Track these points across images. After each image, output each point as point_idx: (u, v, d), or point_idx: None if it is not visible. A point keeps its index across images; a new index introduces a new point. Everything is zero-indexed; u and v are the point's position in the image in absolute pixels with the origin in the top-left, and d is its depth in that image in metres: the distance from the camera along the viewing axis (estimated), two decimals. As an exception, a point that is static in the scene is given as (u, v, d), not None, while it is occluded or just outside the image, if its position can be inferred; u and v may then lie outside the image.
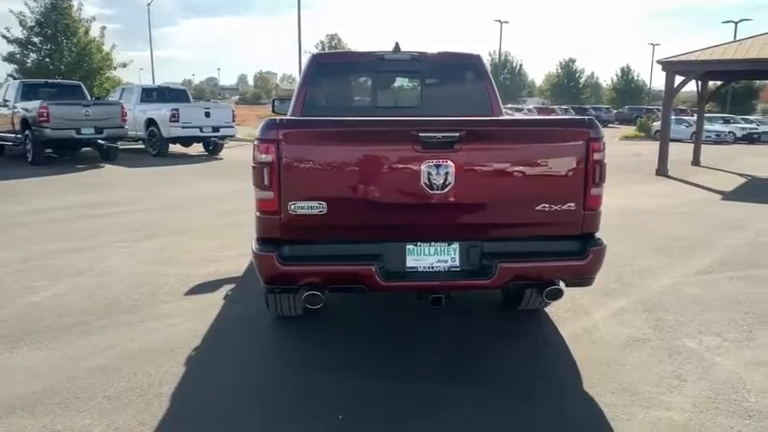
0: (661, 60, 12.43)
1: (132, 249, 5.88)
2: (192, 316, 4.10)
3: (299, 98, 4.65)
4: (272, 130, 2.88)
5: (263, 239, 3.02)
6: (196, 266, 5.28)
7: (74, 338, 3.69)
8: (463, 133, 2.88)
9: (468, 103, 4.77)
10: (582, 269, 3.09)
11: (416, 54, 4.68)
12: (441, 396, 3.03)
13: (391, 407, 2.93)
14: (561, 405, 2.98)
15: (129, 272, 5.09)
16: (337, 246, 3.02)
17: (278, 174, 2.88)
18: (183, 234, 6.56)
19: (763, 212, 8.42)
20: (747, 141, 28.80)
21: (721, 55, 12.06)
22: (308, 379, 3.22)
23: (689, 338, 3.77)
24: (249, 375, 3.30)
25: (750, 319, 4.11)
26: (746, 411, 2.90)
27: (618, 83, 65.81)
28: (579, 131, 3.01)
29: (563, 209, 3.04)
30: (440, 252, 3.08)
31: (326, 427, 2.76)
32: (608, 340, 3.76)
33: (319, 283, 2.97)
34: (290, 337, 3.83)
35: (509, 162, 3.00)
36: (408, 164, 2.90)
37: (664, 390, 3.11)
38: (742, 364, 3.43)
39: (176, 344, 3.63)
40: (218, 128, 15.66)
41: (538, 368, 3.40)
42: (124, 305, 4.28)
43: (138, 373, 3.25)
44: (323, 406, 2.94)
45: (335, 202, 2.92)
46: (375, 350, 3.63)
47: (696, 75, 12.60)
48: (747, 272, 5.28)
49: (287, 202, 2.90)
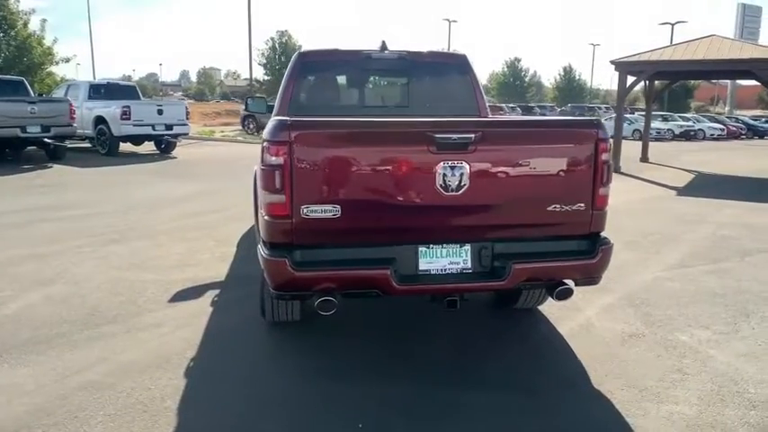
0: (614, 61, 12.86)
1: (101, 254, 5.59)
2: (180, 324, 3.92)
3: (284, 97, 4.53)
4: (283, 131, 2.77)
5: (272, 244, 2.91)
6: (173, 272, 5.07)
7: (58, 352, 3.46)
8: (478, 134, 2.85)
9: (455, 103, 4.77)
10: (592, 268, 3.13)
11: (404, 53, 4.64)
12: (457, 399, 3.00)
13: (410, 412, 2.89)
14: (578, 404, 3.00)
15: (103, 279, 4.83)
16: (350, 250, 2.94)
17: (290, 176, 2.78)
18: (150, 238, 6.29)
19: (716, 207, 8.84)
20: (684, 138, 30.26)
21: (671, 56, 12.59)
22: (318, 387, 3.13)
23: (680, 332, 3.90)
24: (255, 385, 3.18)
25: (732, 312, 4.28)
26: (750, 402, 3.01)
27: (561, 81, 67.88)
28: (588, 132, 3.05)
29: (573, 209, 3.07)
30: (452, 254, 3.05)
31: None
32: (605, 336, 3.83)
33: (333, 288, 2.88)
34: (289, 344, 3.72)
35: (521, 163, 3.00)
36: (424, 165, 2.86)
37: (669, 384, 3.19)
38: (735, 356, 3.56)
39: (170, 355, 3.46)
40: (171, 126, 15.14)
41: (546, 367, 3.42)
42: (106, 315, 4.06)
43: (136, 387, 3.07)
44: (341, 414, 2.86)
45: (349, 205, 2.85)
46: (379, 354, 3.57)
47: (648, 75, 13.12)
48: (717, 265, 5.52)
49: (299, 206, 2.80)
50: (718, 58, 11.87)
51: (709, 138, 31.38)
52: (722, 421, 2.82)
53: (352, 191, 2.86)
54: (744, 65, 11.85)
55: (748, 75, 13.05)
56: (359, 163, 2.85)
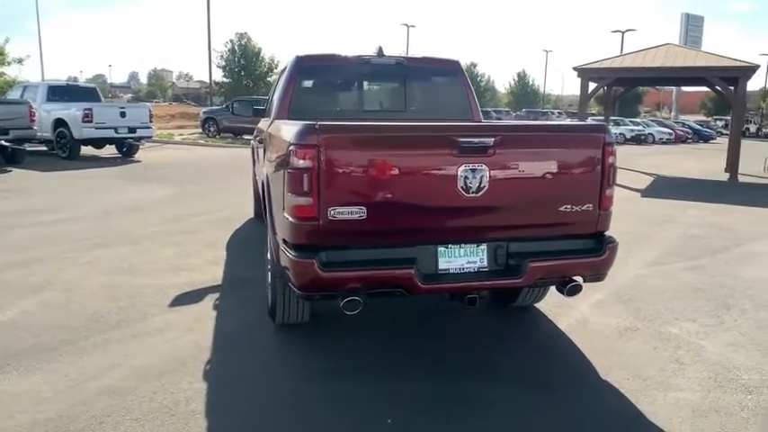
0: (577, 67, 13.33)
1: (87, 260, 5.46)
2: (187, 329, 3.90)
3: (284, 101, 4.56)
4: (311, 134, 2.83)
5: (299, 246, 2.96)
6: (166, 277, 5.01)
7: (68, 359, 3.40)
8: (498, 138, 2.98)
9: (451, 108, 4.91)
10: (600, 265, 3.30)
11: (401, 58, 4.76)
12: (475, 395, 3.11)
13: (433, 408, 2.98)
14: (591, 395, 3.16)
15: (97, 284, 4.73)
16: (374, 250, 3.02)
17: (317, 179, 2.84)
18: (134, 243, 6.18)
19: (681, 208, 9.29)
20: (635, 142, 31.48)
21: (631, 63, 13.13)
22: (337, 387, 3.18)
23: (670, 325, 4.13)
24: (275, 386, 3.21)
25: (713, 305, 4.56)
26: (745, 388, 3.23)
27: (515, 87, 69.43)
28: (597, 137, 3.22)
29: (582, 209, 3.24)
30: (469, 253, 3.17)
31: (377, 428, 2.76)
32: (602, 331, 4.02)
33: (359, 288, 2.95)
34: (299, 345, 3.75)
35: (536, 165, 3.14)
36: (446, 168, 2.96)
37: (669, 373, 3.39)
38: (723, 346, 3.80)
39: (185, 358, 3.45)
40: (134, 128, 14.81)
41: (553, 361, 3.58)
42: (109, 320, 3.99)
43: (158, 391, 3.06)
44: (365, 411, 2.93)
45: (374, 207, 2.92)
46: (389, 353, 3.64)
47: (609, 81, 13.65)
48: (692, 262, 5.83)
49: (326, 208, 2.87)
50: (675, 65, 12.48)
51: (659, 142, 32.74)
52: (723, 406, 3.03)
53: (377, 193, 2.94)
54: (699, 72, 12.50)
55: (702, 81, 13.79)
56: (384, 165, 2.93)
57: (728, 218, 8.48)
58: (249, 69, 34.39)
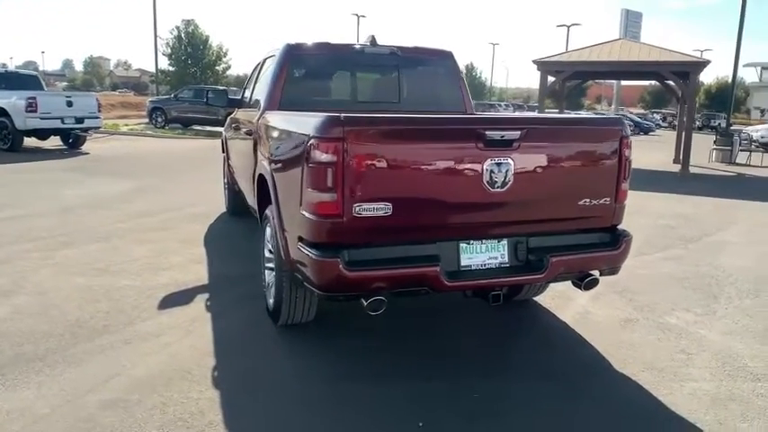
0: (537, 60, 13.53)
1: (55, 260, 5.10)
2: (183, 333, 3.67)
3: (274, 91, 4.35)
4: (335, 127, 2.68)
5: (320, 244, 2.81)
6: (147, 277, 4.73)
7: (58, 370, 3.13)
8: (524, 131, 2.92)
9: (445, 99, 4.83)
10: (616, 259, 3.30)
11: (395, 48, 4.62)
12: (498, 391, 3.06)
13: (460, 406, 2.90)
14: (611, 388, 3.16)
15: (72, 287, 4.41)
16: (398, 248, 2.91)
17: (342, 174, 2.69)
18: (103, 240, 5.82)
19: (645, 198, 9.54)
20: (583, 134, 32.34)
21: (588, 57, 13.43)
22: (355, 387, 3.06)
23: (668, 316, 4.20)
24: (291, 391, 3.04)
25: (701, 295, 4.69)
26: (753, 375, 3.32)
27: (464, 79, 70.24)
28: (614, 130, 3.21)
29: (600, 203, 3.23)
30: (490, 249, 3.10)
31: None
32: (605, 323, 4.05)
33: (385, 287, 2.83)
34: (305, 346, 3.58)
35: (557, 159, 3.10)
36: (472, 162, 2.88)
37: (680, 363, 3.44)
38: (722, 334, 3.90)
39: (189, 365, 3.24)
40: (81, 119, 14.00)
41: (566, 354, 3.57)
42: (94, 326, 3.72)
43: (167, 403, 2.85)
44: (391, 414, 2.82)
45: (400, 202, 2.81)
46: (400, 353, 3.52)
47: (567, 75, 13.93)
48: (669, 252, 6.00)
49: (351, 204, 2.73)
50: (632, 60, 12.85)
51: (604, 134, 33.71)
52: (739, 394, 3.09)
53: (402, 187, 2.83)
54: (654, 67, 12.93)
55: (655, 75, 14.27)
56: (410, 159, 2.82)
57: (691, 208, 8.80)
58: (196, 58, 33.25)
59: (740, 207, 9.22)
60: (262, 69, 5.25)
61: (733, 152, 16.75)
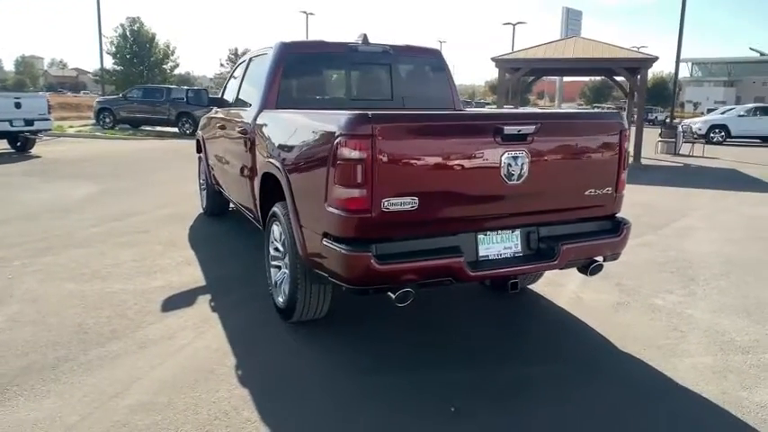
0: (495, 58, 13.85)
1: (38, 267, 4.92)
2: (195, 334, 3.65)
3: (271, 90, 4.35)
4: (365, 124, 2.74)
5: (348, 239, 2.87)
6: (141, 280, 4.64)
7: (76, 377, 3.06)
8: (538, 126, 3.06)
9: (435, 97, 4.94)
10: (618, 245, 3.49)
11: (387, 46, 4.70)
12: (518, 376, 3.19)
13: (485, 392, 3.01)
14: (620, 366, 3.34)
15: (65, 293, 4.28)
16: (422, 241, 2.99)
17: (371, 170, 2.76)
18: (84, 246, 5.65)
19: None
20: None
21: (544, 54, 13.85)
22: (383, 379, 3.13)
23: (655, 297, 4.46)
24: (321, 387, 3.07)
25: (678, 277, 4.98)
26: (742, 348, 3.58)
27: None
28: (616, 123, 3.40)
29: (602, 192, 3.41)
30: (505, 240, 3.24)
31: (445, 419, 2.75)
32: (599, 307, 4.26)
33: (415, 279, 2.91)
34: (322, 342, 3.59)
35: (566, 152, 3.26)
36: (491, 156, 3.00)
37: (676, 341, 3.68)
38: (706, 312, 4.18)
39: (210, 365, 3.23)
40: (31, 121, 13.47)
41: (571, 338, 3.75)
42: (100, 332, 3.64)
43: (199, 403, 2.85)
44: (422, 402, 2.91)
45: (425, 196, 2.89)
46: (413, 345, 3.58)
47: (524, 71, 14.31)
48: (642, 239, 6.30)
49: (380, 199, 2.80)
50: (586, 56, 13.35)
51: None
52: (734, 366, 3.34)
53: (427, 182, 2.91)
54: (607, 63, 13.49)
55: (606, 71, 14.85)
56: (434, 154, 2.90)
57: (650, 196, 9.25)
58: (143, 56, 32.25)
59: (695, 195, 9.77)
60: (248, 68, 5.21)
61: (677, 144, 17.65)
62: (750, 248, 6.09)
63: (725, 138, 23.34)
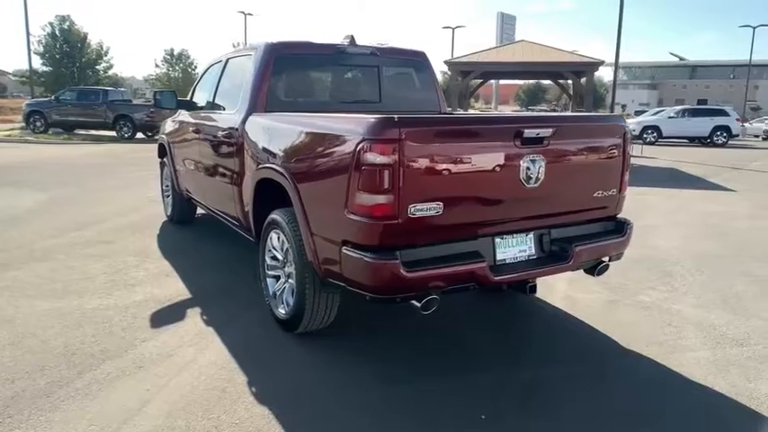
0: (448, 61, 14.05)
1: (4, 284, 4.54)
2: (194, 350, 3.45)
3: (259, 93, 4.19)
4: (392, 128, 2.67)
5: (373, 247, 2.78)
6: (120, 295, 4.36)
7: (75, 403, 2.82)
8: (554, 129, 3.08)
9: (422, 99, 4.92)
10: (623, 245, 3.57)
11: (375, 49, 4.63)
12: (539, 379, 3.18)
13: (508, 397, 3.00)
14: (631, 364, 3.41)
15: (40, 312, 3.96)
16: (443, 246, 2.95)
17: (398, 175, 2.69)
18: (47, 259, 5.25)
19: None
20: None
21: (495, 58, 14.15)
22: (399, 389, 3.05)
23: (641, 295, 4.60)
24: (340, 399, 2.96)
25: (656, 274, 5.17)
26: (735, 341, 3.74)
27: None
28: (620, 126, 3.48)
29: (608, 194, 3.48)
30: (520, 243, 3.24)
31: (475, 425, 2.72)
32: (592, 306, 4.35)
33: (441, 286, 2.86)
34: (328, 354, 3.47)
35: (578, 154, 3.30)
36: (511, 159, 2.99)
37: (673, 336, 3.79)
38: (692, 307, 4.34)
39: (220, 383, 3.06)
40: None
41: (577, 338, 3.79)
42: (90, 352, 3.38)
43: (220, 425, 2.68)
44: (447, 411, 2.86)
45: (450, 201, 2.85)
46: (421, 353, 3.52)
47: (477, 74, 14.57)
48: (612, 237, 6.51)
49: (407, 205, 2.73)
50: (537, 60, 13.74)
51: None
52: (733, 359, 3.47)
53: (451, 186, 2.87)
54: (557, 66, 13.91)
55: (553, 74, 15.33)
56: (458, 158, 2.87)
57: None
58: (74, 56, 30.63)
59: (647, 193, 10.20)
60: (225, 70, 5.02)
61: (617, 144, 18.40)
62: (710, 244, 6.40)
63: (657, 138, 24.63)
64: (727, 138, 24.88)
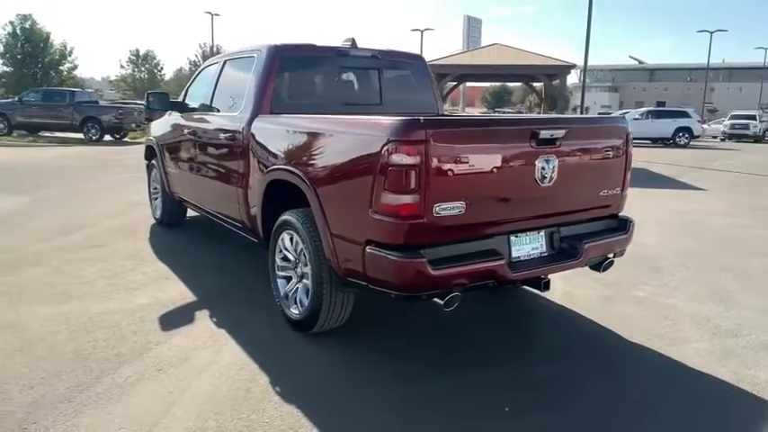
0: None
1: (-3, 290, 4.44)
2: (211, 352, 3.45)
3: (264, 95, 4.20)
4: (418, 130, 2.74)
5: (398, 246, 2.84)
6: (123, 299, 4.31)
7: (98, 408, 2.80)
8: (567, 130, 3.19)
9: (420, 102, 5.01)
10: (626, 242, 3.72)
11: (376, 51, 4.69)
12: (554, 374, 3.27)
13: (527, 392, 3.10)
14: (637, 356, 3.55)
15: (44, 317, 3.89)
16: (464, 244, 3.03)
17: (425, 175, 2.76)
18: (41, 263, 5.13)
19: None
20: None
21: (470, 60, 14.36)
22: (419, 388, 3.11)
23: (635, 290, 4.77)
24: (364, 397, 3.01)
25: (645, 270, 5.36)
26: (730, 332, 3.92)
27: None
28: (623, 127, 3.63)
29: (613, 193, 3.62)
30: (533, 240, 3.35)
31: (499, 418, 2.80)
32: (590, 301, 4.49)
33: (465, 283, 2.94)
34: (345, 352, 3.51)
35: (586, 155, 3.43)
36: (528, 160, 3.10)
37: (671, 329, 3.96)
38: (684, 301, 4.53)
39: (243, 384, 3.07)
40: None
41: (580, 332, 3.92)
42: (104, 356, 3.34)
43: (251, 424, 2.70)
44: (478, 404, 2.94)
45: (472, 200, 2.93)
46: (436, 350, 3.58)
47: (453, 77, 14.76)
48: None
49: (432, 205, 2.80)
50: (512, 63, 14.01)
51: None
52: (732, 350, 3.64)
53: (473, 186, 2.96)
54: (531, 69, 14.20)
55: (526, 77, 15.64)
56: (481, 158, 2.96)
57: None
58: (36, 57, 29.74)
59: (623, 193, 10.49)
60: (223, 72, 5.01)
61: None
62: (690, 241, 6.66)
63: (623, 139, 25.25)
64: (689, 139, 25.73)
